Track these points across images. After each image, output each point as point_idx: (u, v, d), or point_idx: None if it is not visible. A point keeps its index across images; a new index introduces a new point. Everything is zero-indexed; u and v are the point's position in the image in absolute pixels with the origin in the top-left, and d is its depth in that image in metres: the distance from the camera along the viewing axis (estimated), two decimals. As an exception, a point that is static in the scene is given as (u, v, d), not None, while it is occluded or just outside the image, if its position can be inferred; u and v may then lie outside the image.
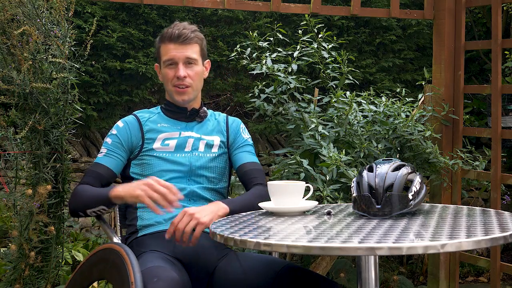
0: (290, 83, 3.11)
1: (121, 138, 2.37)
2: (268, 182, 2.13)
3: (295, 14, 4.97)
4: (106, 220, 2.36)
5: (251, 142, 2.51)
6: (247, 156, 2.44)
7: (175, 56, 2.36)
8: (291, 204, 2.07)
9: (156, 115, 2.44)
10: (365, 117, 3.24)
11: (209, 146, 2.42)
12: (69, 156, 2.76)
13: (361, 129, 3.16)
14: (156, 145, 2.36)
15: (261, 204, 2.14)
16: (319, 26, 3.19)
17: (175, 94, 2.39)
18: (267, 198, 2.17)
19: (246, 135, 2.50)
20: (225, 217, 2.13)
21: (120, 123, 2.42)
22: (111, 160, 2.34)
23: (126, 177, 2.39)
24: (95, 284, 3.15)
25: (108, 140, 2.38)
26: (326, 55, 3.15)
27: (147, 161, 2.35)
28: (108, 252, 1.98)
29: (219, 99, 5.29)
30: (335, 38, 3.29)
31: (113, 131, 2.40)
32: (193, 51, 2.39)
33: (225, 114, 2.54)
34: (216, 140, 2.44)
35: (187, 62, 2.38)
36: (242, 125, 2.53)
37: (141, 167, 2.35)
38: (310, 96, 3.24)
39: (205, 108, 2.49)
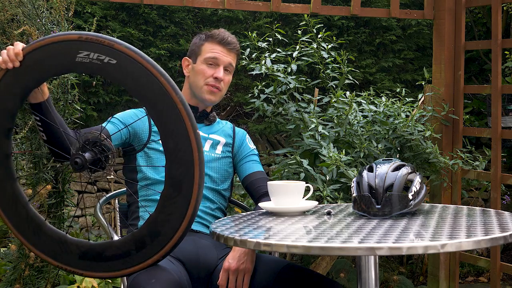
0: (290, 83, 3.11)
1: (122, 120, 2.35)
2: (268, 182, 2.13)
3: (295, 14, 4.97)
4: (105, 218, 2.36)
5: (256, 152, 2.54)
6: (253, 165, 2.47)
7: (220, 59, 2.41)
8: (291, 204, 2.07)
9: None
10: (365, 117, 3.24)
11: (214, 146, 2.43)
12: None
13: (361, 129, 3.16)
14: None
15: (261, 204, 2.15)
16: (319, 26, 3.18)
17: (206, 92, 2.41)
18: None
19: (252, 145, 2.53)
20: (225, 217, 2.13)
21: (126, 110, 2.42)
22: (110, 126, 2.31)
23: (132, 170, 2.38)
24: (95, 284, 3.15)
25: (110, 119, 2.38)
26: (326, 55, 3.15)
27: (151, 155, 2.35)
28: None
29: (219, 99, 5.28)
30: (335, 38, 3.29)
31: (118, 114, 2.39)
32: (234, 60, 2.47)
33: (231, 123, 2.58)
34: (222, 140, 2.45)
35: (226, 68, 2.43)
36: (248, 136, 2.56)
37: (146, 161, 2.35)
38: (310, 96, 3.24)
39: (215, 113, 2.51)
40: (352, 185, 2.04)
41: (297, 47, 3.16)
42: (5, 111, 1.95)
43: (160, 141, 2.34)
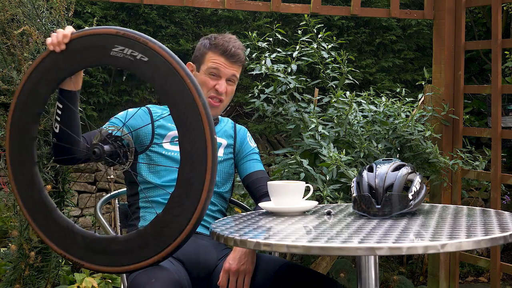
0: (290, 83, 3.11)
1: (124, 120, 2.33)
2: (268, 182, 2.13)
3: (295, 14, 4.98)
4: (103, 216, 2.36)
5: (257, 150, 2.51)
6: (254, 164, 2.45)
7: (222, 71, 2.37)
8: (291, 204, 2.07)
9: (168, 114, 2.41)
10: (365, 117, 3.24)
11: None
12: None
13: (361, 129, 3.16)
14: (166, 143, 2.34)
15: (261, 204, 2.15)
16: (319, 26, 3.18)
17: None
18: None
19: (253, 144, 2.51)
20: (225, 217, 2.13)
21: (129, 110, 2.40)
22: (112, 125, 2.28)
23: (134, 173, 2.37)
24: (95, 284, 3.15)
25: (111, 119, 2.36)
26: (326, 55, 3.15)
27: (154, 158, 2.33)
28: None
29: (219, 99, 5.28)
30: (335, 38, 3.29)
31: (119, 114, 2.37)
32: (238, 71, 2.41)
33: (232, 121, 2.55)
34: (224, 142, 2.44)
35: (229, 79, 2.39)
36: (249, 134, 2.54)
37: (148, 164, 2.34)
38: (310, 96, 3.24)
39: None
40: (352, 185, 2.04)
41: (297, 47, 3.16)
42: (38, 95, 2.00)
43: (163, 144, 2.34)
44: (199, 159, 1.80)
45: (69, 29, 1.96)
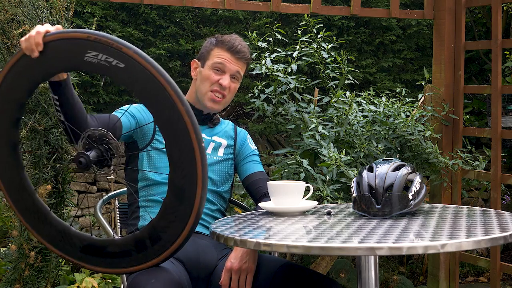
0: (290, 83, 3.11)
1: (135, 115, 2.33)
2: (268, 182, 2.13)
3: (295, 14, 4.98)
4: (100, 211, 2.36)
5: (257, 152, 2.53)
6: (254, 166, 2.46)
7: (227, 66, 2.38)
8: (291, 204, 2.07)
9: None
10: (365, 117, 3.24)
11: (216, 148, 2.42)
12: (69, 156, 2.77)
13: (361, 129, 3.16)
14: None
15: (261, 204, 2.15)
16: (319, 26, 3.18)
17: (209, 100, 2.39)
18: None
19: (253, 146, 2.52)
20: (225, 217, 2.14)
21: (136, 105, 2.39)
22: (124, 118, 2.28)
23: (134, 170, 2.38)
24: (95, 284, 3.15)
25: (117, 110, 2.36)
26: (326, 55, 3.15)
27: (153, 155, 2.34)
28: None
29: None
30: (335, 38, 3.29)
31: (131, 108, 2.36)
32: (242, 69, 2.43)
33: (233, 123, 2.56)
34: (224, 142, 2.45)
35: (233, 76, 2.40)
36: (249, 136, 2.55)
37: (148, 160, 2.34)
38: (310, 96, 3.24)
39: (218, 115, 2.51)
40: (352, 185, 2.04)
41: (297, 47, 3.16)
42: (14, 101, 1.94)
43: (164, 145, 2.33)
44: (189, 166, 1.77)
45: (39, 35, 1.85)
